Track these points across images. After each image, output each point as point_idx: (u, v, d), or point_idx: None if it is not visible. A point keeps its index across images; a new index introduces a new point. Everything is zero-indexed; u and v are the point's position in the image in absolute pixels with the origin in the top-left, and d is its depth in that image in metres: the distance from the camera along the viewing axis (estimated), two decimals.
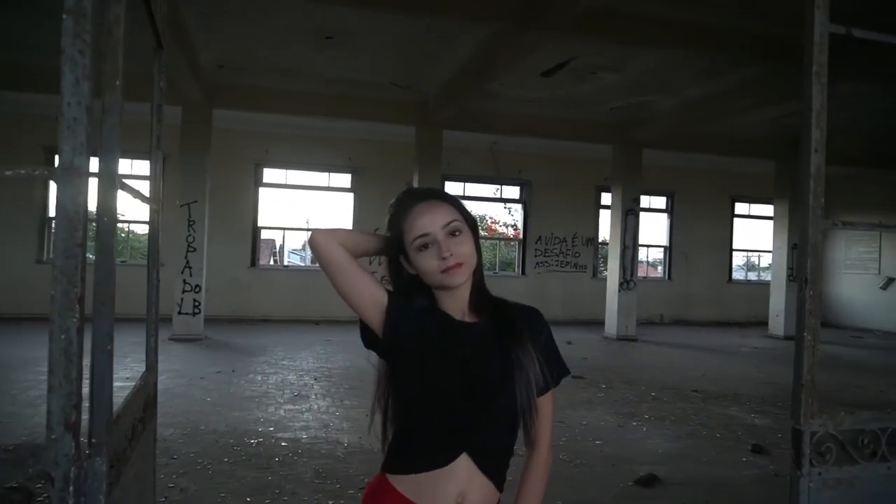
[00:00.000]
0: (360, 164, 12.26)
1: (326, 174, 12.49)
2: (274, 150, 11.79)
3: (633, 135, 10.98)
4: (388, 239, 1.39)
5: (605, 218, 13.94)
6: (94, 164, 1.27)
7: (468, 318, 1.39)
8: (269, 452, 4.30)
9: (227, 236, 11.31)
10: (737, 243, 15.17)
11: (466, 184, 13.48)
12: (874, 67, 7.22)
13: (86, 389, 1.23)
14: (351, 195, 12.48)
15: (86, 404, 1.24)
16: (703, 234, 14.45)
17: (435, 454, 1.32)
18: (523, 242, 13.69)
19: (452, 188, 13.02)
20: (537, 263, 13.53)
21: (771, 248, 12.75)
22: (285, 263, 13.28)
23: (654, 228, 14.54)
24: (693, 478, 4.09)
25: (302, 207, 12.50)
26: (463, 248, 1.32)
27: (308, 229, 12.68)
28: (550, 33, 6.35)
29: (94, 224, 1.31)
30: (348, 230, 1.42)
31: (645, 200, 13.08)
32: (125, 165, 9.95)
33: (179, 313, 9.07)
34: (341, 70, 8.62)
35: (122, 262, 10.76)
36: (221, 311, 10.70)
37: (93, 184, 1.27)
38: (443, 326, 1.37)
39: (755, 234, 15.53)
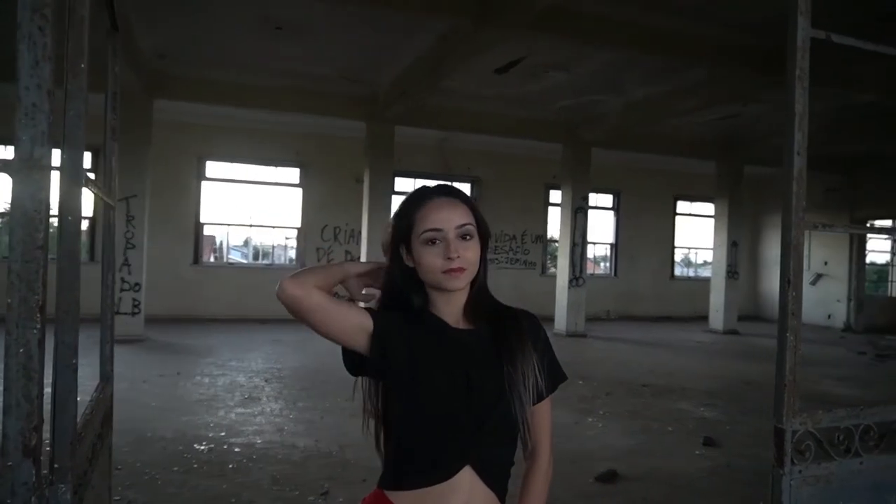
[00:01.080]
0: (308, 158, 11.98)
1: (273, 169, 12.15)
2: (218, 144, 11.37)
3: (582, 134, 11.16)
4: (394, 225, 1.33)
5: (553, 215, 14.13)
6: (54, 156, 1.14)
7: (463, 325, 1.34)
8: (221, 459, 4.11)
9: (169, 232, 10.85)
10: (679, 241, 15.67)
11: (416, 180, 13.37)
12: (811, 74, 7.58)
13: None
14: (299, 190, 12.19)
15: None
16: (647, 231, 14.86)
17: (436, 468, 1.27)
18: None
19: (402, 185, 12.92)
20: (488, 260, 13.56)
21: (709, 246, 13.25)
22: (227, 260, 12.82)
23: (600, 226, 14.84)
24: (651, 472, 4.16)
25: (247, 203, 12.04)
26: (470, 254, 1.28)
27: (249, 225, 12.30)
28: (508, 31, 6.35)
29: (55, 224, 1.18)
30: (313, 270, 1.31)
31: (592, 198, 13.31)
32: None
33: (117, 313, 8.61)
34: (290, 62, 8.37)
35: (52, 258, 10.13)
36: (163, 311, 10.25)
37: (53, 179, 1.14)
38: (438, 336, 1.32)
39: (695, 232, 16.08)
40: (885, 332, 12.67)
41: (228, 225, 12.35)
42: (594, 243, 14.72)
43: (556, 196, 14.05)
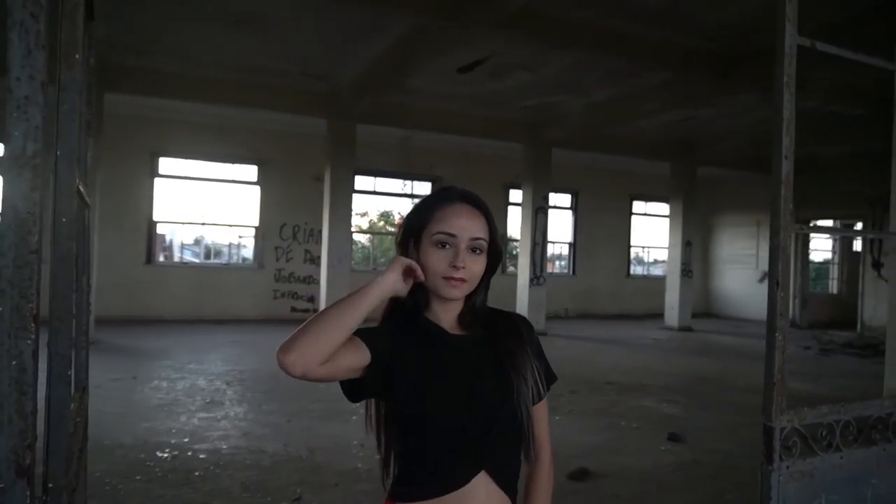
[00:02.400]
0: (266, 156, 11.72)
1: (230, 166, 11.84)
2: (172, 140, 11.01)
3: (544, 134, 11.27)
4: (409, 217, 1.32)
5: (513, 215, 14.24)
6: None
7: (459, 331, 1.33)
8: (187, 466, 3.97)
9: (120, 231, 10.44)
10: (634, 240, 16.03)
11: (377, 179, 13.27)
12: (760, 80, 7.84)
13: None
14: (257, 188, 11.92)
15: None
16: (604, 230, 15.15)
17: (450, 476, 1.25)
18: None
19: (363, 183, 12.80)
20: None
21: (662, 245, 13.59)
22: (177, 259, 12.41)
23: (559, 225, 15.04)
24: (620, 469, 4.23)
25: (201, 201, 11.68)
26: (475, 267, 1.27)
27: (202, 223, 11.95)
28: (477, 29, 6.35)
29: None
30: (319, 328, 1.15)
31: (551, 198, 13.48)
32: None
33: None
34: (250, 57, 8.17)
35: None
36: (114, 312, 9.85)
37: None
38: (437, 344, 1.30)
39: (649, 231, 16.48)
40: (827, 327, 13.27)
41: (183, 223, 11.97)
42: (553, 242, 14.91)
43: (515, 195, 14.17)
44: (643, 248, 16.70)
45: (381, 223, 17.36)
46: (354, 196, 10.58)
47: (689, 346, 10.48)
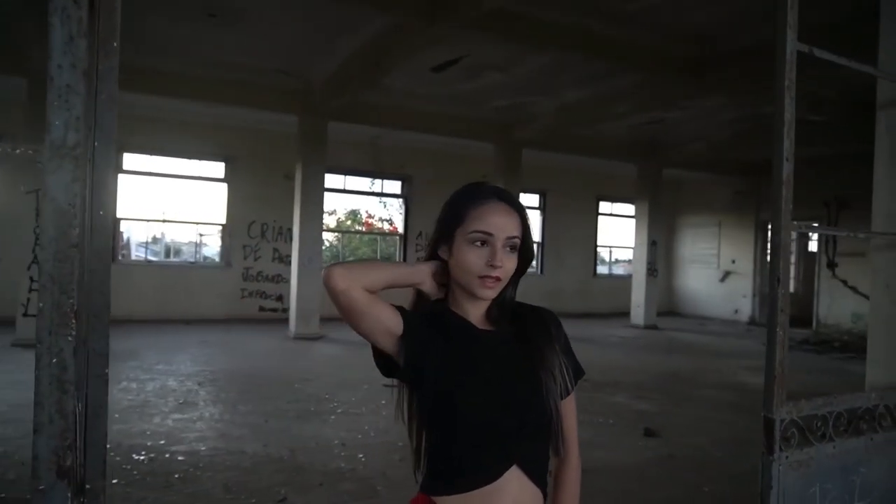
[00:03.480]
0: (234, 152, 11.50)
1: (196, 162, 11.57)
2: (137, 135, 10.67)
3: (514, 134, 11.36)
4: (444, 214, 1.33)
5: None
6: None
7: (486, 325, 1.34)
8: (165, 469, 3.88)
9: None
10: (600, 240, 16.29)
11: (347, 177, 13.17)
12: (728, 84, 8.09)
13: None
14: (224, 185, 11.68)
15: None
16: (571, 230, 15.34)
17: (483, 470, 1.26)
18: (404, 238, 13.66)
19: (332, 181, 12.67)
20: (418, 259, 13.54)
21: (627, 244, 13.85)
22: (134, 258, 12.04)
23: None
24: (601, 464, 4.30)
25: (165, 197, 11.36)
26: (509, 265, 1.29)
27: (164, 221, 11.67)
28: (455, 30, 6.36)
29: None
30: (373, 267, 1.27)
31: (521, 198, 13.60)
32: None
33: (25, 315, 7.93)
34: (222, 52, 8.00)
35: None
36: None
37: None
38: (466, 340, 1.32)
39: (615, 231, 16.77)
40: None
41: (145, 221, 11.65)
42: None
43: None
44: (614, 248, 16.98)
45: (349, 222, 17.23)
46: (325, 194, 10.46)
47: (657, 344, 10.71)
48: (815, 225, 13.61)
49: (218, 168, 11.67)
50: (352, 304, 1.22)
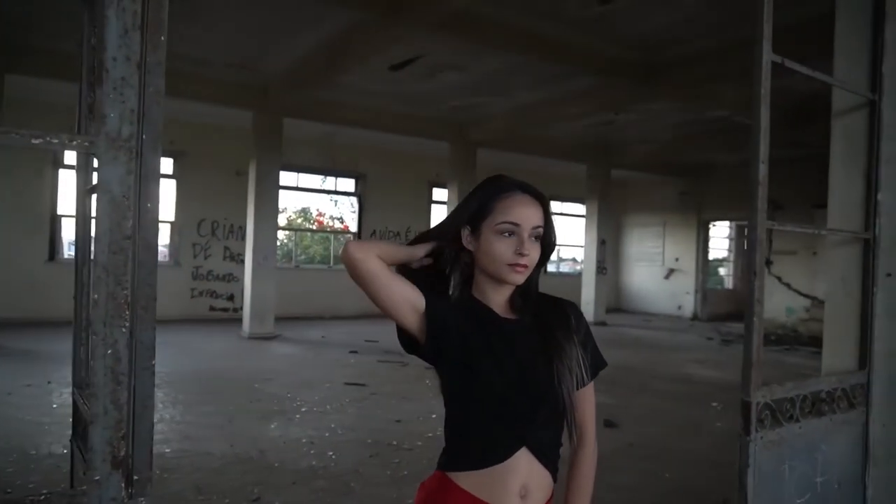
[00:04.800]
0: (182, 147, 11.15)
1: None
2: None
3: (470, 134, 11.48)
4: (467, 205, 1.37)
5: (436, 213, 14.39)
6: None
7: (508, 314, 1.40)
8: None
9: (19, 225, 9.61)
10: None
11: (300, 174, 12.99)
12: (670, 91, 8.43)
13: None
14: (172, 182, 11.33)
15: None
16: None
17: (495, 450, 1.32)
18: (358, 236, 13.59)
19: (285, 178, 12.47)
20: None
21: (576, 243, 14.19)
22: (67, 256, 11.55)
23: None
24: (564, 454, 4.42)
25: None
26: (534, 254, 1.34)
27: None
28: (414, 29, 6.39)
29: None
30: (379, 242, 1.38)
31: None
32: None
33: None
34: (172, 43, 7.73)
35: None
36: (14, 313, 9.07)
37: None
38: (488, 326, 1.37)
39: (564, 230, 17.15)
40: (724, 319, 14.39)
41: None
42: None
43: (438, 194, 14.34)
44: (566, 247, 17.35)
45: (300, 220, 16.99)
46: (280, 192, 10.30)
47: (608, 339, 11.03)
48: (787, 225, 14.30)
49: (166, 164, 11.30)
50: (371, 272, 1.30)
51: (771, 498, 2.03)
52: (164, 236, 11.61)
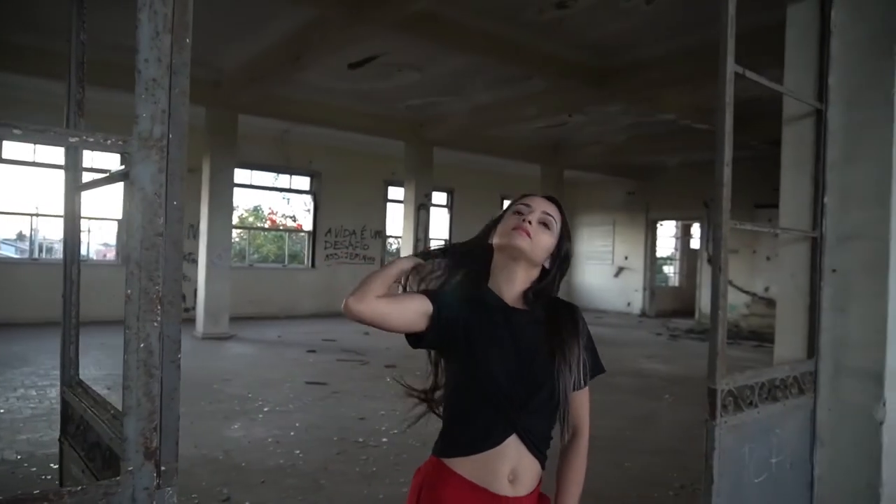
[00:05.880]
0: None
1: (88, 153, 10.74)
2: (21, 120, 9.74)
3: (426, 133, 11.54)
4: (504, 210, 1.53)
5: (392, 211, 14.40)
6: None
7: (518, 305, 1.48)
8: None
9: None
10: None
11: (254, 172, 12.77)
12: (623, 94, 8.71)
13: None
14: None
15: None
16: (478, 228, 15.68)
17: (488, 436, 1.40)
18: (313, 235, 13.46)
19: (239, 176, 12.23)
20: (327, 256, 13.44)
21: None
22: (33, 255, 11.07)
23: (435, 221, 15.43)
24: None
25: (35, 190, 10.46)
26: (541, 238, 1.44)
27: (35, 215, 10.79)
28: (377, 29, 6.41)
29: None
30: (372, 279, 1.42)
31: None
32: None
33: None
34: (120, 35, 7.52)
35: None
36: None
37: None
38: (495, 312, 1.45)
39: None
40: (671, 316, 14.95)
41: (33, 215, 10.68)
42: (432, 239, 15.28)
43: (394, 192, 14.35)
44: None
45: (251, 218, 16.68)
46: (235, 189, 10.10)
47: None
48: (748, 225, 14.89)
49: (113, 160, 10.92)
50: (379, 315, 1.37)
51: (733, 478, 2.18)
52: (111, 235, 11.23)
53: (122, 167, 1.30)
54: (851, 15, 2.59)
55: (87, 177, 1.68)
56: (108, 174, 1.39)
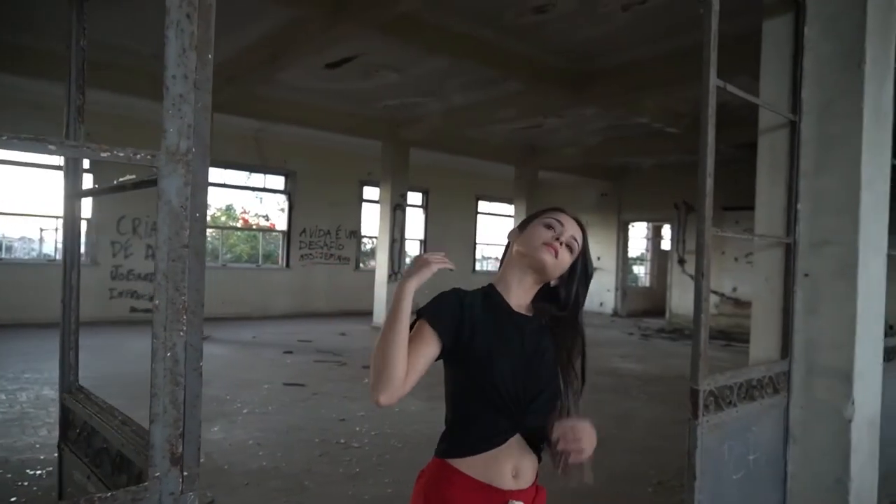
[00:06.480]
0: (101, 141, 10.44)
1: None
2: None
3: (403, 133, 11.55)
4: (522, 222, 1.59)
5: (367, 211, 14.37)
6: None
7: (524, 311, 1.54)
8: None
9: None
10: (480, 238, 16.98)
11: (226, 171, 12.62)
12: (598, 98, 8.87)
13: None
14: (90, 176, 10.71)
15: None
16: (452, 228, 15.85)
17: (493, 437, 1.46)
18: (288, 234, 13.36)
19: (212, 175, 12.06)
20: (302, 256, 13.36)
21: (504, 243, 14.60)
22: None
23: (410, 222, 15.44)
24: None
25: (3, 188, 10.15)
26: (564, 258, 1.50)
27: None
28: (359, 30, 6.41)
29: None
30: (391, 357, 1.36)
31: None
32: None
33: None
34: (95, 32, 7.37)
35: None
36: None
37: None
38: (501, 317, 1.51)
39: (492, 230, 17.56)
40: (642, 315, 15.22)
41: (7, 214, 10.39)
42: (407, 239, 15.30)
43: (369, 192, 14.32)
44: (493, 245, 17.73)
45: (223, 217, 16.46)
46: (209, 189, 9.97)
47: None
48: (727, 232, 15.17)
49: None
50: (409, 390, 1.41)
51: (713, 475, 2.27)
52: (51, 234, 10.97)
53: (132, 177, 1.32)
54: (823, 32, 2.71)
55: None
56: (115, 183, 1.41)
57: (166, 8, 0.98)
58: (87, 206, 10.63)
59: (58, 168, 10.46)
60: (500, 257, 1.65)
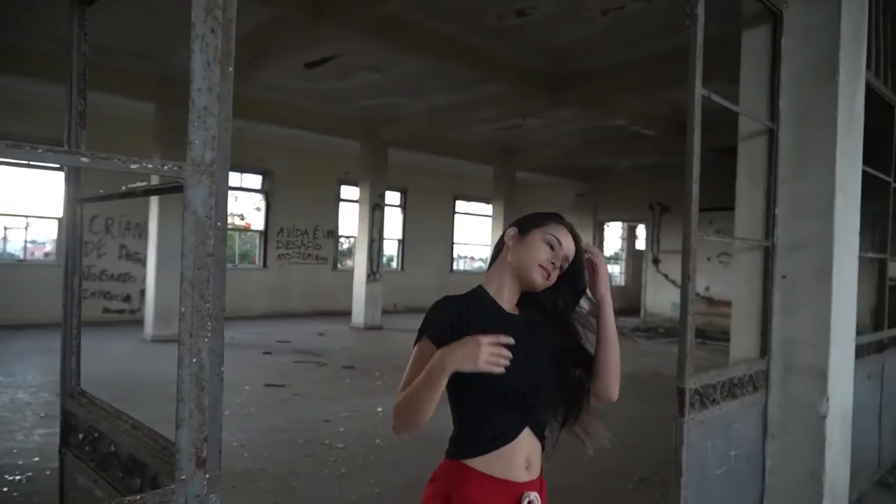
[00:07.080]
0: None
1: (28, 148, 10.23)
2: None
3: (382, 134, 11.55)
4: (528, 217, 1.62)
5: (345, 211, 14.33)
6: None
7: (513, 309, 1.60)
8: (51, 487, 3.55)
9: None
10: (457, 237, 17.04)
11: None
12: (576, 100, 8.99)
13: None
14: (60, 175, 10.48)
15: None
16: (430, 228, 15.88)
17: (504, 434, 1.51)
18: (265, 234, 13.25)
19: None
20: (279, 255, 13.27)
21: (483, 243, 14.67)
22: None
23: (388, 221, 15.44)
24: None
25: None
26: (553, 278, 1.56)
27: None
28: (341, 31, 6.41)
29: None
30: (423, 401, 1.42)
31: None
32: None
33: None
34: (62, 24, 7.24)
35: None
36: None
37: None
38: (496, 319, 1.56)
39: (469, 229, 17.64)
40: (617, 314, 15.22)
41: None
42: (385, 239, 15.28)
43: (347, 192, 14.28)
44: (470, 245, 17.81)
45: None
46: None
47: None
48: (711, 236, 15.44)
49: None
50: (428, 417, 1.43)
51: (698, 471, 2.36)
52: (50, 233, 10.75)
53: (142, 184, 1.34)
54: (799, 43, 2.82)
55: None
56: (119, 191, 1.42)
57: (192, 23, 1.01)
58: (57, 205, 10.41)
59: (55, 169, 10.25)
60: (490, 254, 1.68)
